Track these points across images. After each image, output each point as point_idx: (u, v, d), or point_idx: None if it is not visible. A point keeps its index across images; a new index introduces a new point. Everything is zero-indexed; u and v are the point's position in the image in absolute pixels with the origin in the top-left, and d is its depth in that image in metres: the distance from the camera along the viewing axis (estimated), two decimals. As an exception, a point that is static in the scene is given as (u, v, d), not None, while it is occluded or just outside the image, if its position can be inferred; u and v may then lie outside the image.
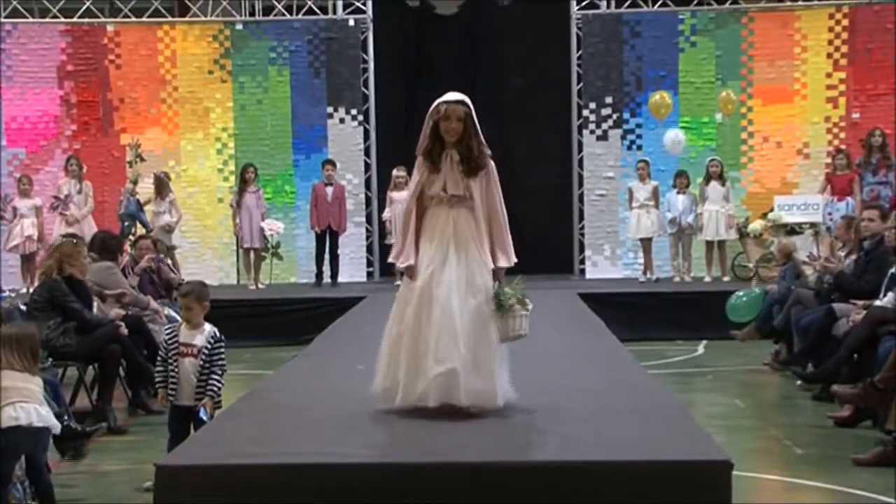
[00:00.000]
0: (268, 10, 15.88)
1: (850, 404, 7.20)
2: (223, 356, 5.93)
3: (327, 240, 14.54)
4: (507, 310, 5.35)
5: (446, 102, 5.46)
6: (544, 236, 15.68)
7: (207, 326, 5.95)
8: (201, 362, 5.83)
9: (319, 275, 14.61)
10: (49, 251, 8.12)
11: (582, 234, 15.62)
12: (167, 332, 6.06)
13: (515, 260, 5.57)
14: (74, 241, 8.35)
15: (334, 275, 14.58)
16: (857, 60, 15.14)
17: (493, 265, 5.47)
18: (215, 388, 5.82)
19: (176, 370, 5.84)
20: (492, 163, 5.56)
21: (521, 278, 5.56)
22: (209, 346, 5.86)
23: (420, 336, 5.30)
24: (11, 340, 5.36)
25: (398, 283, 6.13)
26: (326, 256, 14.62)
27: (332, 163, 14.78)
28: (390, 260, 5.76)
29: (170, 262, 12.21)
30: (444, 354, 5.22)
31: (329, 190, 14.51)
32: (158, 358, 6.02)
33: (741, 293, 11.09)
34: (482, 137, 5.50)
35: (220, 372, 5.88)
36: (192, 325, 5.94)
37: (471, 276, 5.38)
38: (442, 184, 5.47)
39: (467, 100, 5.49)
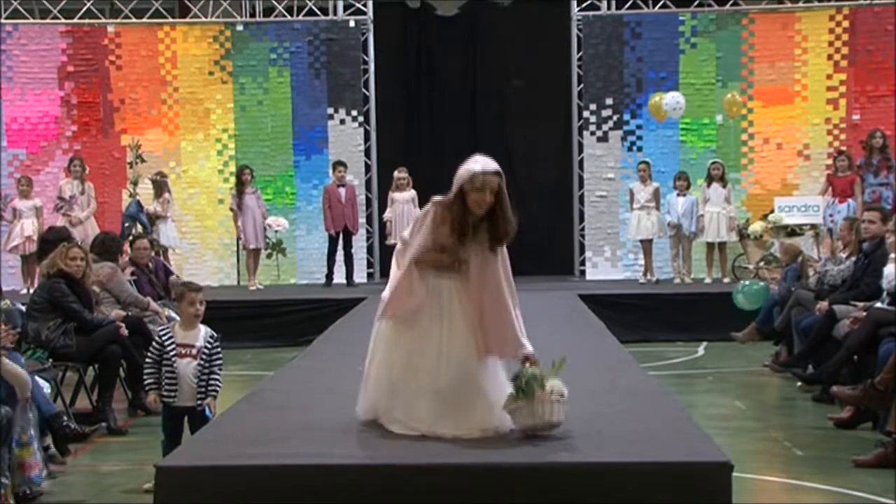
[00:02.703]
0: (268, 11, 15.89)
1: (849, 405, 7.21)
2: (221, 355, 5.97)
3: (340, 241, 14.55)
4: (528, 393, 4.79)
5: (484, 173, 4.86)
6: (544, 237, 15.70)
7: (202, 327, 5.97)
8: (200, 362, 5.85)
9: (330, 275, 14.62)
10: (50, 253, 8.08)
11: (582, 236, 15.62)
12: (163, 333, 5.99)
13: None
14: (66, 243, 8.27)
15: (349, 274, 14.58)
16: (857, 62, 15.14)
17: (524, 351, 4.98)
18: (217, 387, 5.87)
19: (174, 371, 5.83)
20: None
21: (562, 359, 5.01)
22: (209, 346, 5.89)
23: (407, 386, 5.01)
24: None
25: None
26: (336, 257, 14.62)
27: (342, 164, 14.74)
28: (378, 317, 5.14)
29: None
30: (422, 415, 4.96)
31: (342, 191, 14.51)
32: (149, 359, 5.94)
33: (746, 282, 11.18)
34: (509, 211, 4.96)
35: (219, 371, 5.91)
36: (189, 326, 5.94)
37: (461, 355, 4.97)
38: (461, 255, 4.98)
39: (500, 170, 4.94)
